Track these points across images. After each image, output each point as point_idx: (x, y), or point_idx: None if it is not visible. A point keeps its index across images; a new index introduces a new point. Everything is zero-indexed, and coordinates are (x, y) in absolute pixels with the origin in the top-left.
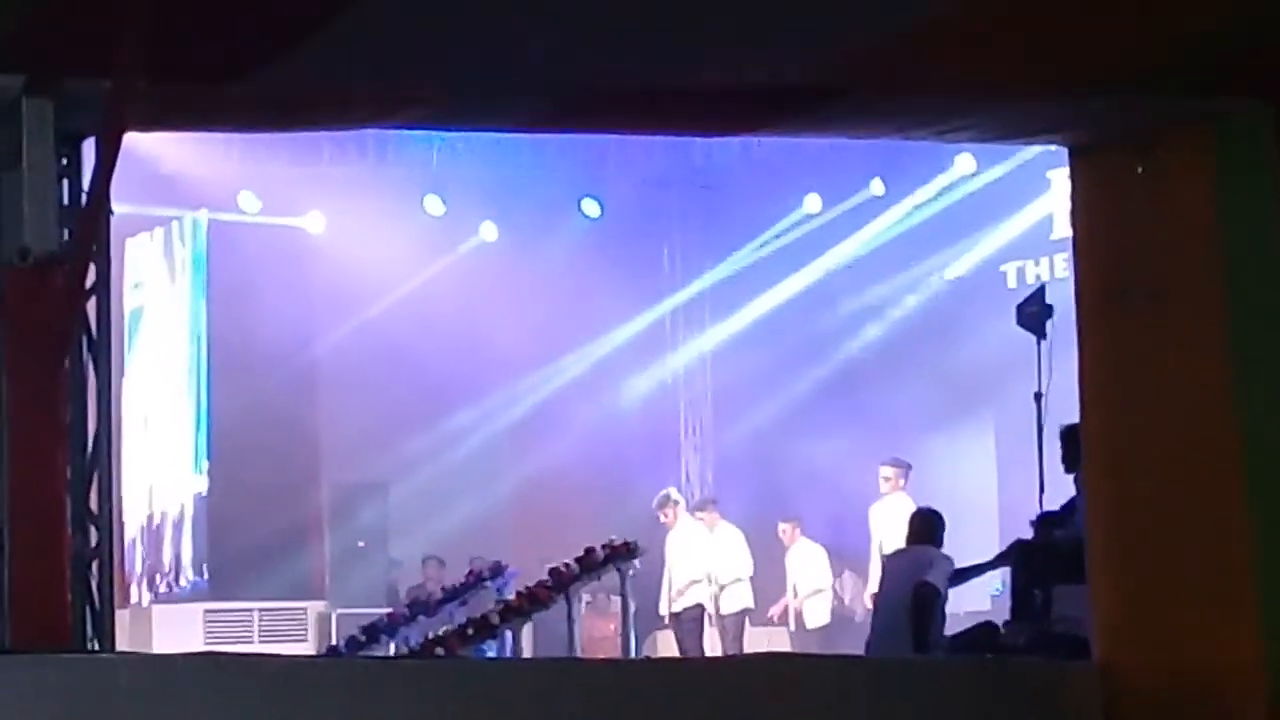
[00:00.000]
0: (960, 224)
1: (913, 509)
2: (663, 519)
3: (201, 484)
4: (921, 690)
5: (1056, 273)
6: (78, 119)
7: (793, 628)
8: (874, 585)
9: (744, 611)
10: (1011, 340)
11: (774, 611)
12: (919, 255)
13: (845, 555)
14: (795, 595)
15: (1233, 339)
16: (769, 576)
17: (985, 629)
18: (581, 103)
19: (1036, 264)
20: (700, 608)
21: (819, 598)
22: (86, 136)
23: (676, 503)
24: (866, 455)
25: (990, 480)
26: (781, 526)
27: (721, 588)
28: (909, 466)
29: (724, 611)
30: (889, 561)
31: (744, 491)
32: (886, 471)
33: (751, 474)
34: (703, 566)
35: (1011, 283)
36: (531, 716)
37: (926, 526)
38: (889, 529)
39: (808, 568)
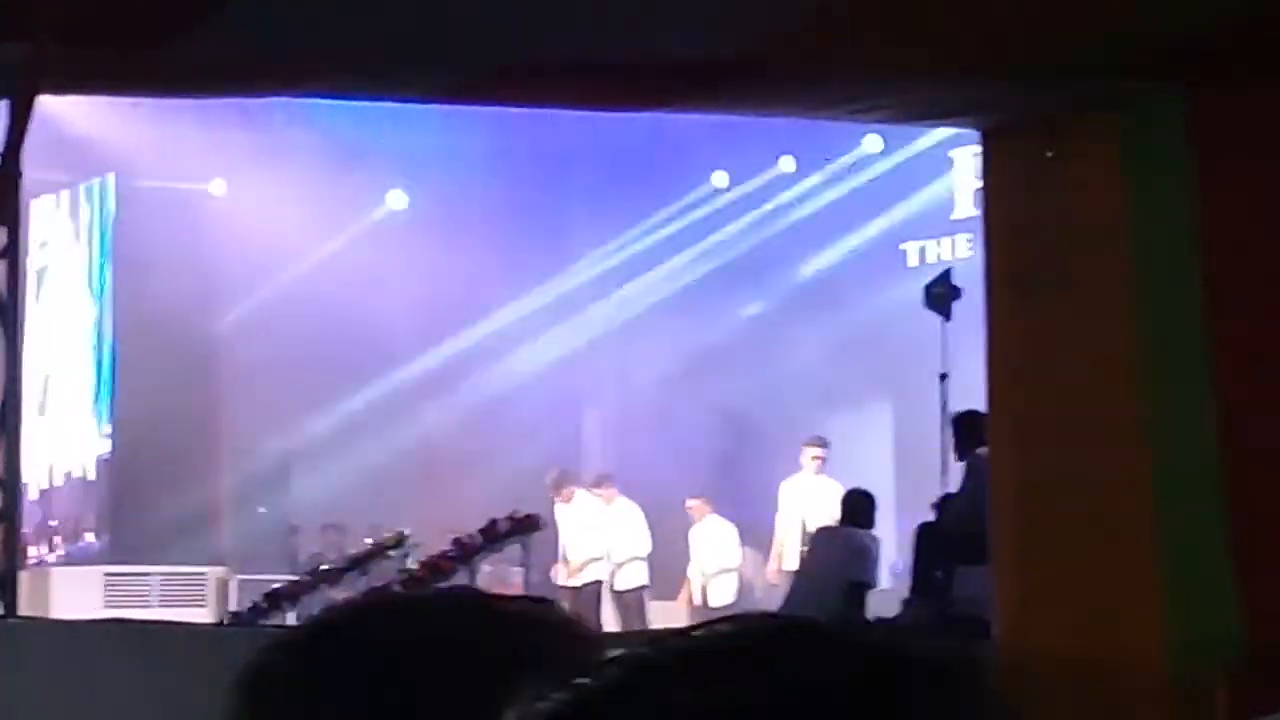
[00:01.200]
0: (864, 203)
1: (832, 487)
2: (553, 495)
3: (103, 446)
4: None
5: (958, 253)
6: None
7: (695, 603)
8: (779, 563)
9: (641, 588)
10: (910, 320)
11: (682, 593)
12: (824, 233)
13: (745, 533)
14: (702, 573)
15: (1139, 323)
16: (669, 554)
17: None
18: (495, 77)
19: (938, 243)
20: (598, 583)
21: (725, 576)
22: None
23: (569, 479)
24: (769, 430)
25: (888, 460)
26: (690, 503)
27: (618, 565)
28: (828, 444)
29: (620, 588)
30: (818, 539)
31: (644, 467)
32: (815, 450)
33: (652, 449)
34: (599, 542)
35: (912, 261)
36: None
37: (859, 508)
38: (809, 507)
39: (716, 545)
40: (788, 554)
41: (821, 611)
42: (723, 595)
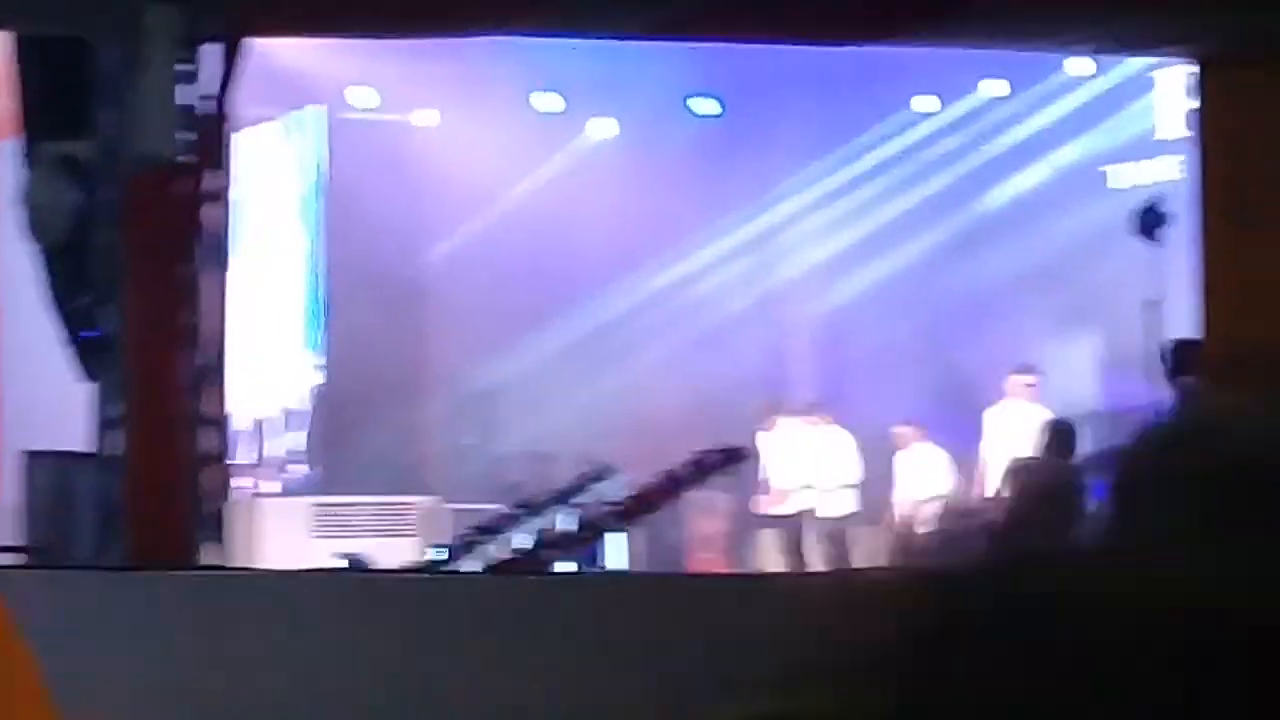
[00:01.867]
0: (1065, 126)
1: (1038, 415)
2: (759, 424)
3: (316, 378)
4: None
5: (1161, 175)
6: (199, 24)
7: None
8: (984, 491)
9: (848, 516)
10: (1111, 244)
11: (885, 522)
12: (1026, 158)
13: (953, 461)
14: (909, 501)
15: None
16: (882, 483)
17: None
18: (702, 12)
19: (1137, 166)
20: (803, 512)
21: (932, 504)
22: (207, 41)
23: (774, 407)
24: (975, 358)
25: (1091, 389)
26: (897, 429)
27: (827, 492)
28: (1036, 369)
29: (827, 515)
30: (1017, 473)
31: (852, 395)
32: (1025, 378)
33: (859, 377)
34: (805, 470)
35: (1114, 183)
36: (647, 630)
37: (1060, 438)
38: (1016, 434)
39: (924, 472)
40: (991, 482)
41: None
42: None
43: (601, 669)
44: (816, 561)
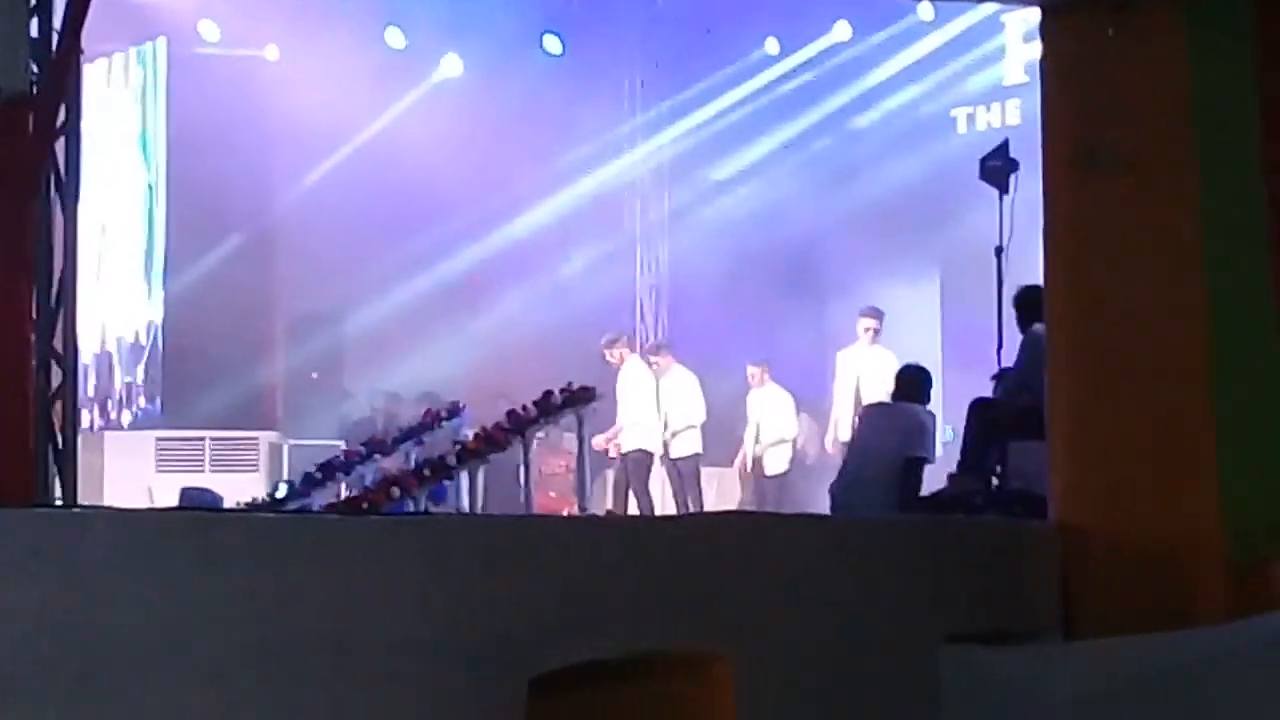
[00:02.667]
0: (914, 69)
1: (888, 358)
2: (609, 358)
3: (156, 311)
4: (883, 549)
5: (1008, 120)
6: None
7: (749, 470)
8: (835, 433)
9: (695, 456)
10: (957, 189)
11: (737, 460)
12: (872, 99)
13: (801, 402)
14: (757, 440)
15: (1203, 200)
16: (724, 421)
17: (958, 493)
18: None
19: (988, 109)
20: (647, 452)
21: (781, 445)
22: None
23: (623, 344)
24: (822, 301)
25: (935, 332)
26: (750, 370)
27: (674, 433)
28: (883, 314)
29: (675, 455)
30: (873, 414)
31: (702, 335)
32: (870, 322)
33: (709, 317)
34: (651, 409)
35: (961, 128)
36: (491, 573)
37: (915, 384)
38: (863, 377)
39: (774, 413)
40: (843, 424)
41: (876, 486)
42: (778, 464)
43: (447, 610)
44: (664, 502)
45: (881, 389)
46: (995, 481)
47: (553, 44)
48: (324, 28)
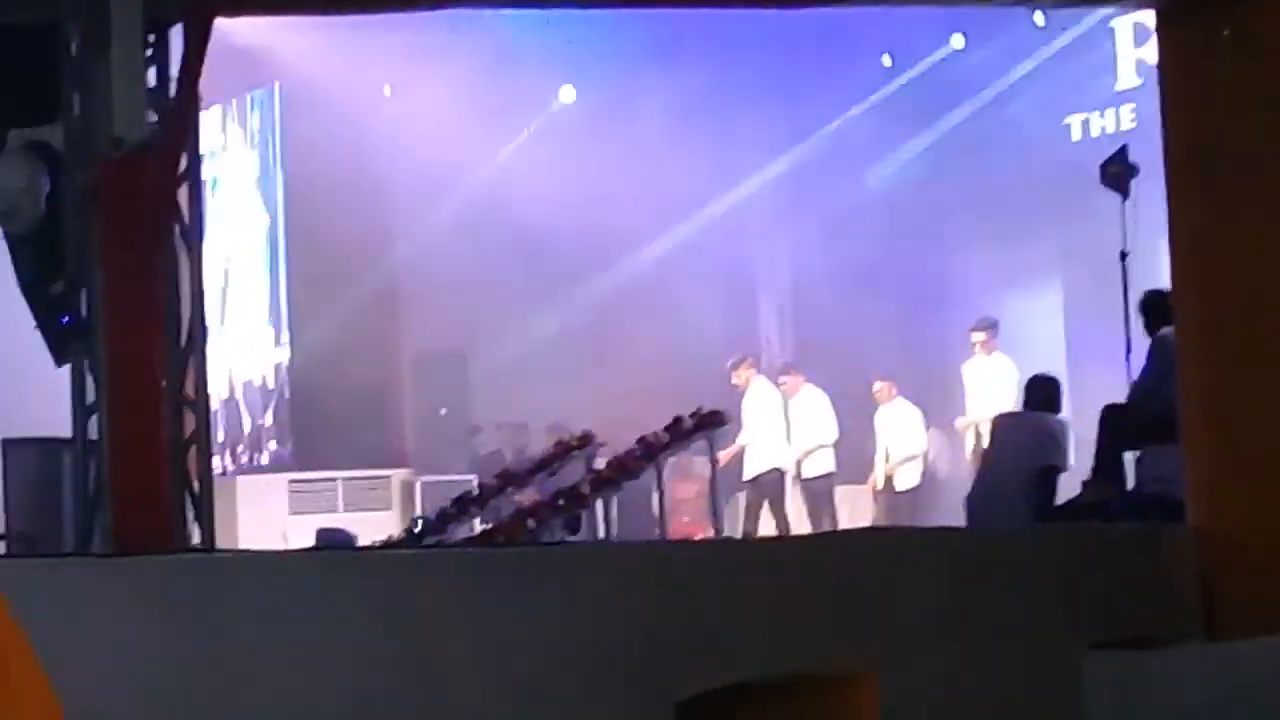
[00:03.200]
0: (1026, 78)
1: (1008, 367)
2: (735, 380)
3: (283, 354)
4: (1023, 559)
5: (1122, 125)
6: (164, 5)
7: (880, 488)
8: (964, 445)
9: (828, 476)
10: (1075, 197)
11: (870, 478)
12: (986, 110)
13: (930, 416)
14: (887, 458)
15: None
16: (854, 439)
17: (1093, 500)
18: None
19: (1101, 115)
20: (779, 471)
21: (912, 460)
22: (173, 23)
23: (748, 365)
24: (945, 314)
25: (1058, 341)
26: (877, 386)
27: (806, 452)
28: (997, 324)
29: (807, 475)
30: (1005, 425)
31: (828, 353)
32: (978, 335)
33: (834, 336)
34: (779, 429)
35: (1076, 135)
36: (632, 599)
37: (1046, 393)
38: (983, 388)
39: (902, 428)
40: (972, 436)
41: (1011, 497)
42: (908, 479)
43: (591, 638)
44: (798, 522)
45: (1000, 399)
46: (1131, 487)
47: (664, 70)
48: (437, 64)
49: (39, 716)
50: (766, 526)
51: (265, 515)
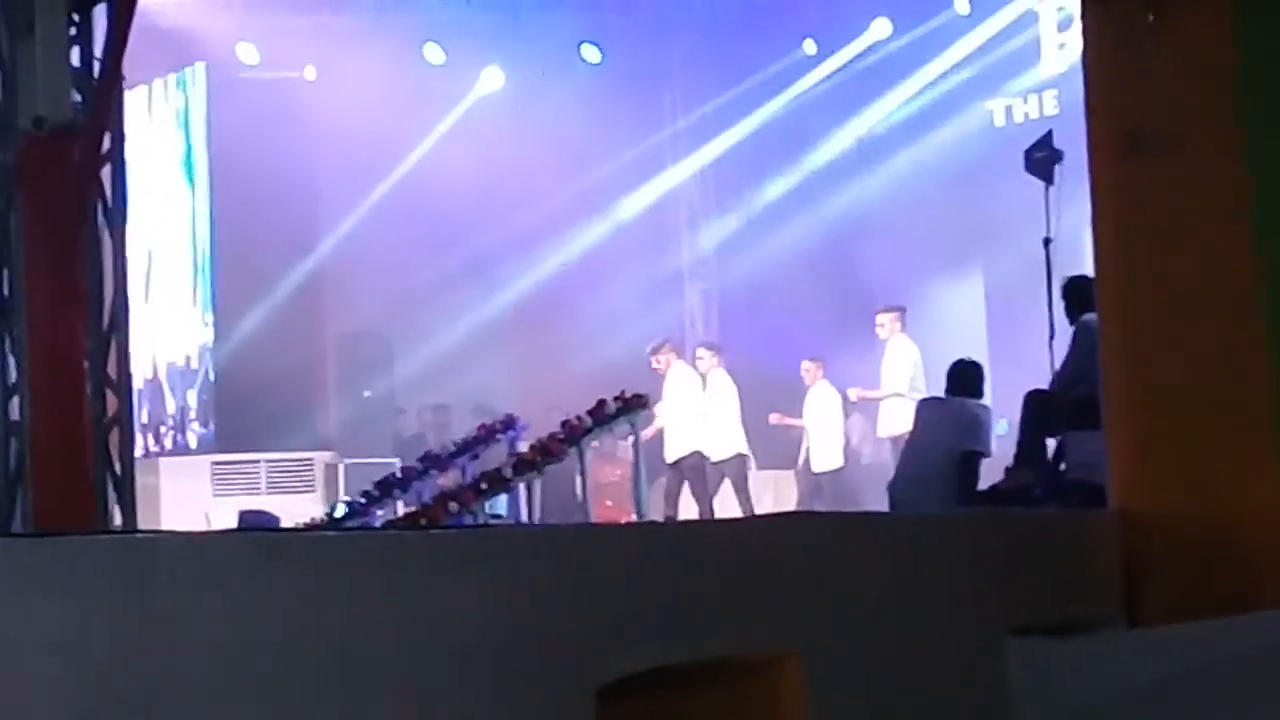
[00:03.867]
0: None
1: (910, 351)
2: (655, 365)
3: (207, 335)
4: (945, 544)
5: (1046, 111)
6: None
7: (799, 467)
8: (883, 428)
9: (740, 457)
10: (997, 183)
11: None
12: (910, 96)
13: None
14: (808, 437)
15: (1250, 181)
16: (764, 420)
17: (1016, 486)
18: None
19: (1025, 101)
20: (699, 455)
21: (833, 441)
22: (98, 2)
23: (668, 349)
24: (868, 300)
25: (979, 328)
26: (805, 365)
27: (718, 434)
28: (904, 310)
29: (718, 459)
30: (927, 409)
31: (752, 339)
32: (882, 318)
33: (760, 321)
34: (698, 413)
35: (999, 121)
36: (553, 583)
37: (968, 377)
38: (891, 373)
39: (824, 409)
40: (885, 419)
41: (933, 482)
42: (830, 460)
43: (511, 622)
44: (721, 506)
45: (899, 382)
46: (1054, 473)
47: (591, 53)
48: (362, 46)
49: None
50: (688, 510)
51: (188, 497)
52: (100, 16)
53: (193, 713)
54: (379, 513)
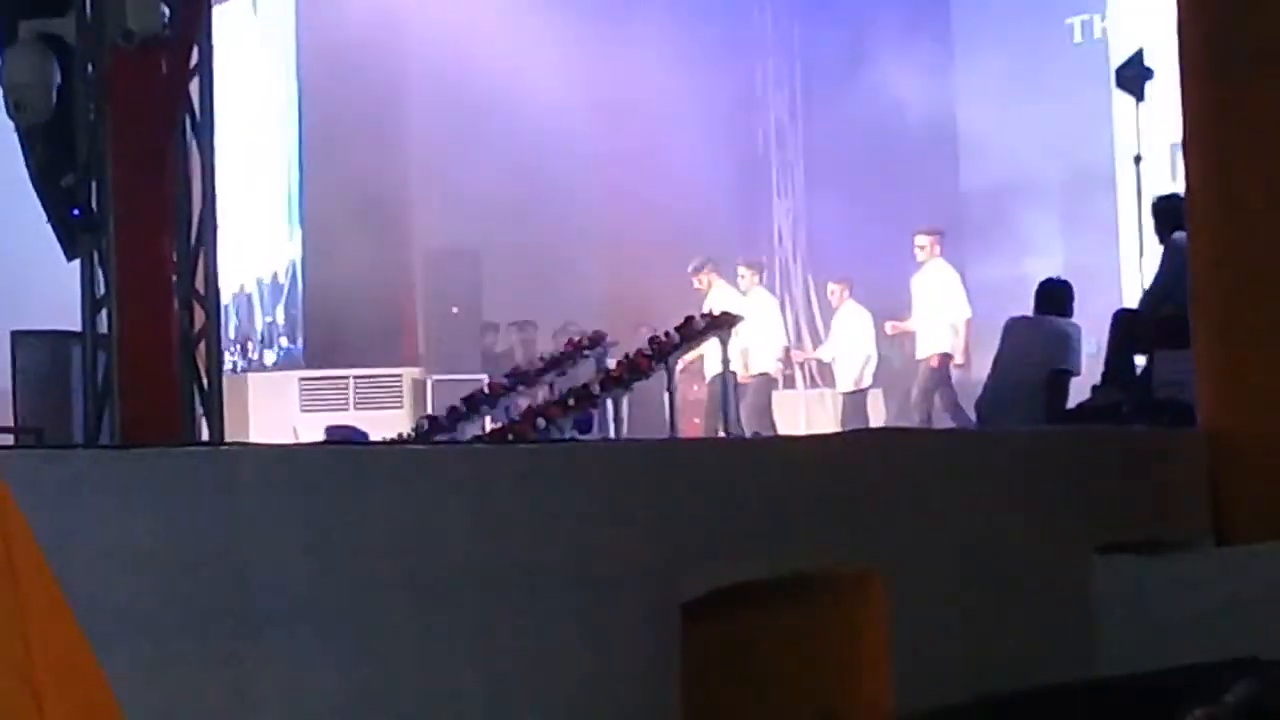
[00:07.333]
0: None
1: (950, 275)
2: (697, 285)
3: (295, 250)
4: (1032, 461)
5: (1124, 26)
6: None
7: (835, 388)
8: (917, 350)
9: (764, 376)
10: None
11: (800, 357)
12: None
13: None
14: (838, 357)
15: None
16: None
17: (1104, 404)
18: None
19: (1103, 18)
20: (767, 375)
21: (864, 360)
22: None
23: (711, 270)
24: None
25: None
26: (831, 288)
27: (752, 351)
28: (943, 233)
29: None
30: (1016, 328)
31: (832, 253)
32: (921, 240)
33: (844, 238)
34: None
35: (1077, 37)
36: (639, 498)
37: (1056, 297)
38: (929, 296)
39: (854, 330)
40: (922, 341)
41: (1021, 400)
42: (861, 379)
43: (596, 538)
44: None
45: (945, 305)
46: (1142, 391)
47: None
48: None
49: (42, 605)
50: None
51: (276, 413)
52: None
53: (275, 624)
54: (467, 429)
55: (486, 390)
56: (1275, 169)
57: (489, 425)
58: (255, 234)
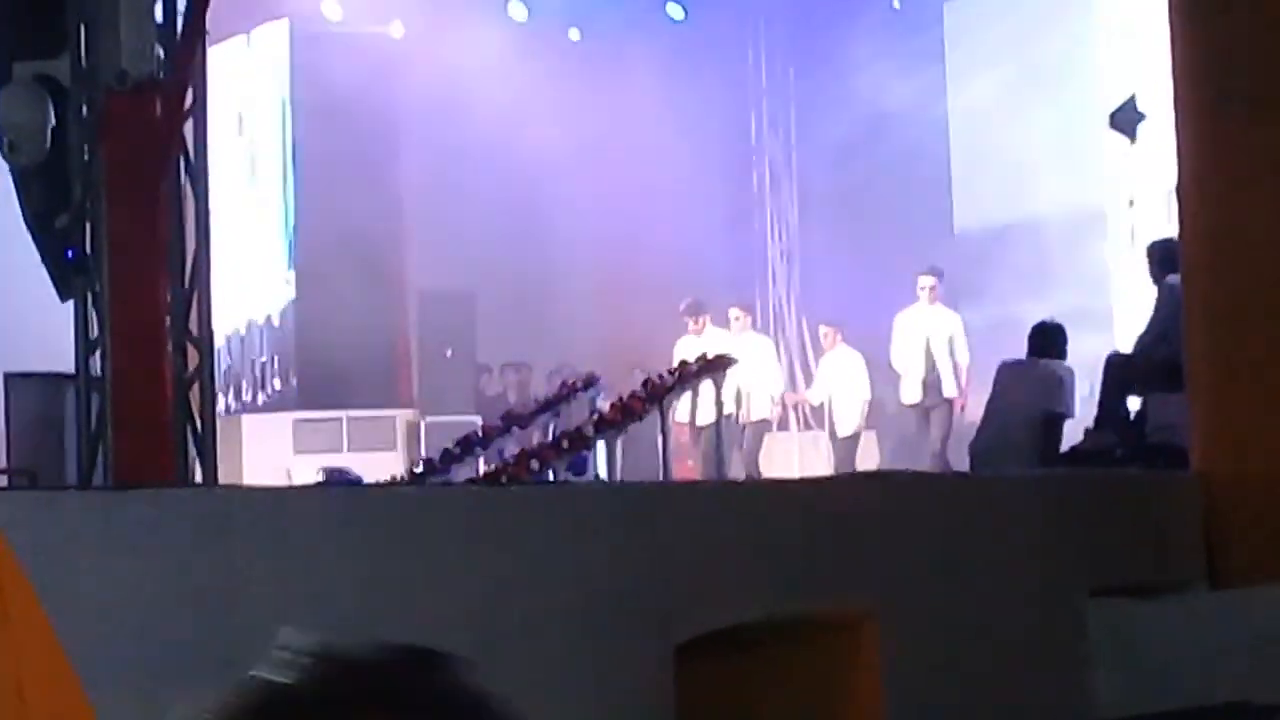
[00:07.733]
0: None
1: (950, 317)
2: (692, 329)
3: (289, 292)
4: (1026, 505)
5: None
6: None
7: (825, 431)
8: (903, 393)
9: (762, 422)
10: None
11: (792, 400)
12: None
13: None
14: (830, 400)
15: None
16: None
17: (1097, 448)
18: None
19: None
20: (765, 422)
21: (855, 404)
22: None
23: (705, 314)
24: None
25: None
26: (823, 330)
27: (749, 395)
28: (943, 273)
29: (748, 420)
30: (1010, 371)
31: (825, 293)
32: (925, 280)
33: (837, 279)
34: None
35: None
36: (633, 540)
37: (1050, 338)
38: (920, 336)
39: (846, 373)
40: (910, 384)
41: (1016, 443)
42: (852, 423)
43: (591, 580)
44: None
45: (944, 344)
46: (1135, 435)
47: (675, 10)
48: (448, 2)
49: (35, 648)
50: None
51: (270, 454)
52: None
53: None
54: (460, 471)
55: (480, 432)
56: (1270, 213)
57: (483, 467)
58: (249, 275)
